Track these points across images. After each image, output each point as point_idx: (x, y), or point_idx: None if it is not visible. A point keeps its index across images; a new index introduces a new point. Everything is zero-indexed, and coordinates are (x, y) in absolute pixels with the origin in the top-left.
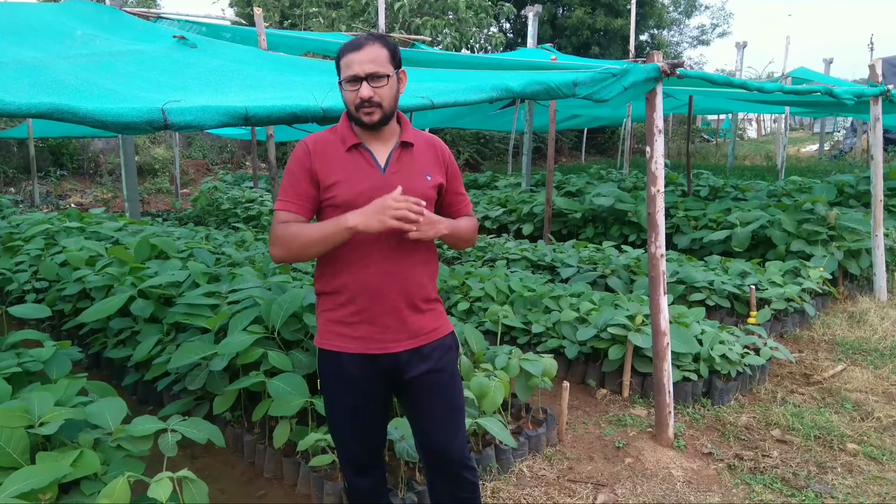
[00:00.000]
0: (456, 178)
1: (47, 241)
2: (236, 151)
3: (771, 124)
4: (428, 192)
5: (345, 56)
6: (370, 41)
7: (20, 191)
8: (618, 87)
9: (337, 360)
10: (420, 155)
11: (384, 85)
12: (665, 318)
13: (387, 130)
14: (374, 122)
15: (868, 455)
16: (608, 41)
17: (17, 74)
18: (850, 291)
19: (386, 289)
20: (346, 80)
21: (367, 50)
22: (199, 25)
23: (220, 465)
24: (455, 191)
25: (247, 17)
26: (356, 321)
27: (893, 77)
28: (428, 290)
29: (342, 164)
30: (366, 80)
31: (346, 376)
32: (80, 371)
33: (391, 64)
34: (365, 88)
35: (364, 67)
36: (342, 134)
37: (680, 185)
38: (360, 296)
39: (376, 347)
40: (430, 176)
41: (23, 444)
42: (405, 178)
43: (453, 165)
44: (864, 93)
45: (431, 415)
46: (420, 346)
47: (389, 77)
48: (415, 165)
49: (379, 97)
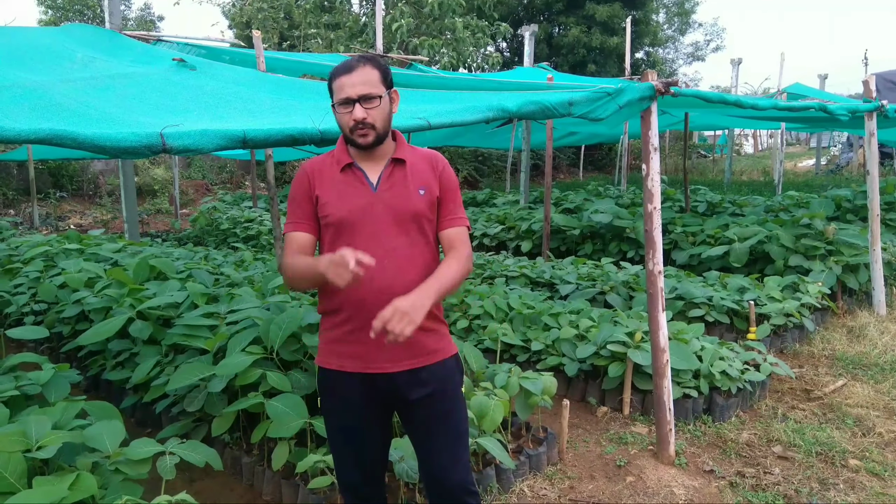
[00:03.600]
0: (450, 190)
1: (46, 263)
2: (235, 172)
3: (767, 139)
4: (420, 207)
5: (336, 79)
6: (361, 63)
7: (20, 213)
8: (613, 106)
9: (335, 380)
10: (414, 170)
11: (376, 106)
12: (664, 335)
13: (381, 149)
14: (368, 143)
15: (870, 471)
16: (604, 59)
17: (17, 99)
18: (849, 306)
19: (380, 307)
20: (338, 103)
21: (358, 72)
22: (198, 48)
23: (219, 488)
24: (447, 201)
25: (246, 39)
26: (352, 340)
27: (888, 92)
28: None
29: (335, 185)
30: (358, 101)
31: (344, 396)
32: (78, 393)
33: (383, 84)
34: (358, 110)
35: (356, 90)
36: (338, 156)
37: (677, 201)
38: (356, 314)
39: (373, 367)
40: (423, 190)
41: (20, 469)
42: (396, 194)
43: (449, 178)
44: (858, 108)
45: (432, 440)
46: (418, 367)
47: (381, 98)
48: (408, 181)
49: (372, 118)
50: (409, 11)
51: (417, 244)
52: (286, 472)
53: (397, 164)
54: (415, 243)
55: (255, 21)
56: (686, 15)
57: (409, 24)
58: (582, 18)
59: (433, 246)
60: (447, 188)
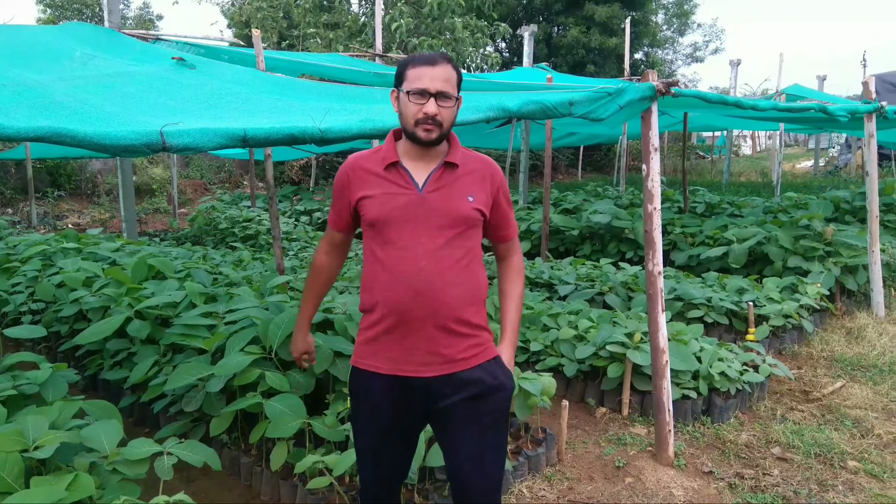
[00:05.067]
0: (505, 199)
1: (44, 262)
2: (234, 171)
3: (766, 141)
4: (469, 213)
5: (415, 67)
6: (443, 60)
7: (17, 211)
8: (613, 107)
9: (367, 380)
10: (465, 176)
11: (450, 106)
12: (664, 336)
13: (435, 149)
14: (431, 139)
15: (869, 472)
16: (603, 60)
17: (16, 97)
18: (848, 307)
19: (415, 309)
20: (413, 92)
21: (440, 68)
22: (197, 47)
23: (217, 488)
24: (502, 213)
25: (245, 38)
26: (388, 341)
27: (887, 94)
28: (466, 313)
29: (377, 182)
30: (435, 96)
31: (375, 398)
32: (76, 393)
33: (457, 88)
34: (431, 105)
35: (436, 84)
36: (384, 153)
37: (676, 202)
38: (390, 315)
39: (406, 370)
40: (472, 197)
41: (17, 469)
42: (444, 197)
43: (506, 189)
44: (857, 110)
45: (461, 449)
46: (454, 372)
47: (456, 100)
48: (457, 186)
49: (442, 117)
50: (408, 11)
51: (460, 248)
52: (284, 472)
53: (448, 167)
54: (457, 247)
55: (254, 20)
56: (685, 16)
57: (409, 24)
58: (581, 19)
59: (477, 251)
60: (503, 198)
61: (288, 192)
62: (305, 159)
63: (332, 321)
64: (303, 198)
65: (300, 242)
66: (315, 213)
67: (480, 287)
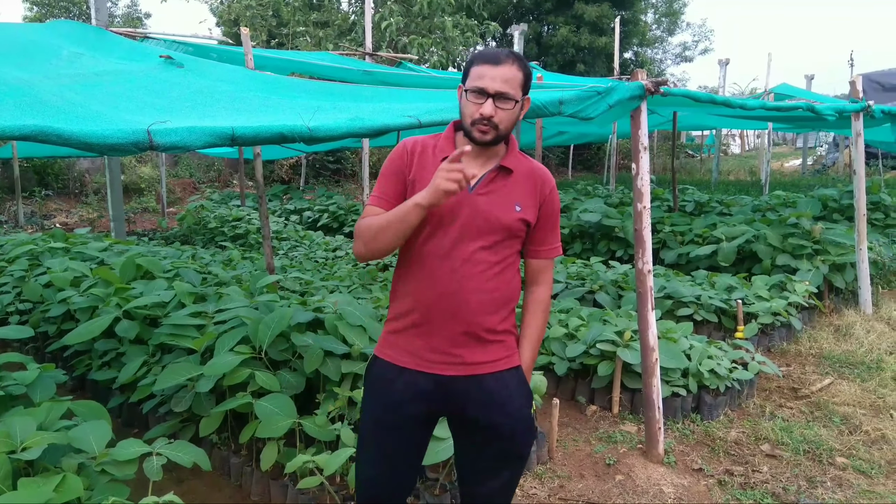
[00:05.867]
0: (553, 215)
1: (31, 262)
2: (223, 170)
3: (754, 139)
4: (513, 223)
5: (479, 65)
6: (510, 59)
7: (4, 211)
8: (603, 106)
9: (385, 370)
10: (517, 183)
11: (509, 109)
12: (653, 334)
13: (490, 150)
14: (486, 140)
15: (857, 469)
16: (593, 59)
17: (2, 95)
18: (836, 305)
19: (442, 311)
20: (471, 90)
21: (504, 68)
22: (185, 45)
23: (207, 489)
24: (548, 227)
25: (234, 36)
26: (412, 335)
27: (873, 93)
28: (491, 320)
29: (433, 172)
30: (493, 97)
31: (388, 390)
32: (64, 394)
33: (521, 89)
34: (488, 106)
35: (496, 84)
36: (443, 143)
37: (666, 201)
38: (418, 310)
39: (426, 366)
40: (520, 207)
41: (5, 470)
42: (492, 201)
43: (554, 202)
44: (845, 109)
45: (480, 459)
46: (474, 374)
47: (517, 103)
48: (507, 192)
49: (499, 119)
50: (398, 10)
51: (499, 255)
52: (275, 472)
53: (502, 171)
54: (497, 254)
55: (243, 19)
56: (674, 15)
57: (399, 23)
58: (571, 18)
59: (513, 259)
60: (551, 212)
61: (278, 191)
62: (295, 158)
63: (323, 321)
64: (293, 197)
65: (290, 242)
66: (305, 213)
67: (511, 294)
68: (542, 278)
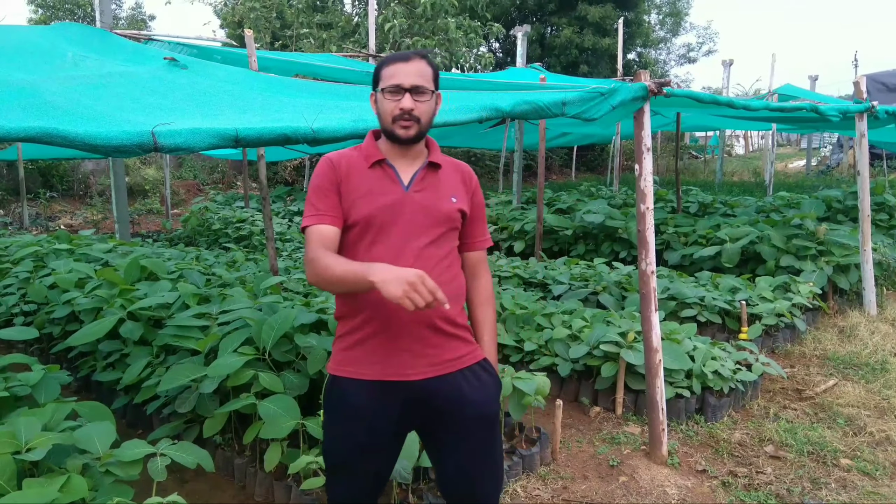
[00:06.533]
0: (479, 206)
1: (36, 264)
2: (227, 172)
3: (758, 140)
4: (452, 212)
5: (389, 66)
6: (417, 56)
7: (9, 213)
8: (606, 107)
9: (347, 388)
10: (447, 178)
11: (426, 100)
12: (657, 335)
13: (414, 150)
14: (409, 136)
15: (861, 470)
16: (596, 60)
17: (7, 97)
18: (840, 306)
19: (404, 311)
20: (388, 90)
21: (414, 63)
22: (189, 47)
23: (211, 489)
24: (477, 220)
25: (238, 38)
26: (373, 344)
27: (878, 93)
28: (451, 312)
29: (365, 180)
30: (409, 91)
31: (356, 406)
32: (69, 395)
33: (433, 82)
34: (407, 100)
35: (410, 79)
36: (366, 151)
37: (669, 202)
38: (378, 318)
39: (394, 373)
40: (455, 198)
41: (9, 471)
42: (429, 197)
43: (480, 196)
44: (849, 109)
45: (460, 457)
46: (444, 374)
47: (432, 93)
48: (440, 187)
49: (419, 112)
50: (401, 11)
51: (444, 249)
52: (278, 473)
53: (432, 167)
54: (442, 248)
55: (246, 20)
56: (678, 16)
57: (402, 25)
58: (574, 19)
59: (457, 254)
60: (478, 204)
61: (282, 193)
62: (299, 160)
63: (326, 322)
64: (296, 198)
65: (294, 243)
66: None
67: (461, 288)
68: (480, 270)
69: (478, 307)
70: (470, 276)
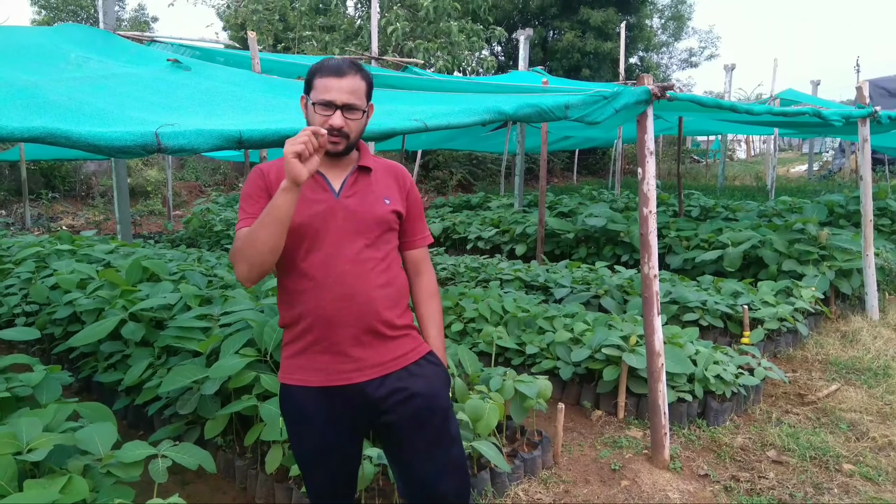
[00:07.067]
0: (416, 205)
1: (38, 264)
2: (229, 173)
3: (760, 145)
4: (386, 215)
5: (323, 78)
6: (352, 71)
7: (11, 213)
8: (609, 110)
9: (299, 397)
10: (379, 180)
11: (357, 119)
12: (659, 339)
13: (346, 157)
14: (338, 151)
15: (864, 476)
16: (598, 64)
17: (10, 97)
18: (843, 311)
19: (342, 315)
20: (318, 104)
21: (348, 79)
22: (192, 49)
23: (212, 491)
24: (415, 218)
25: (240, 40)
26: (316, 351)
27: (880, 99)
28: (391, 315)
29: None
30: (341, 109)
31: (309, 414)
32: (70, 395)
33: (366, 97)
34: (337, 117)
35: (343, 97)
36: None
37: (671, 206)
38: (316, 325)
39: (338, 378)
40: (388, 200)
41: (10, 471)
42: (361, 200)
43: (414, 192)
44: (852, 114)
45: (416, 452)
46: (388, 373)
47: (364, 112)
48: (372, 189)
49: (349, 128)
50: (404, 15)
51: (382, 251)
52: (280, 475)
53: (363, 171)
54: (380, 250)
55: (249, 23)
56: (680, 20)
57: (404, 28)
58: (576, 23)
59: (395, 254)
60: (414, 204)
61: None
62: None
63: None
64: None
65: None
66: None
67: (403, 288)
68: (422, 268)
69: (422, 304)
70: (413, 273)
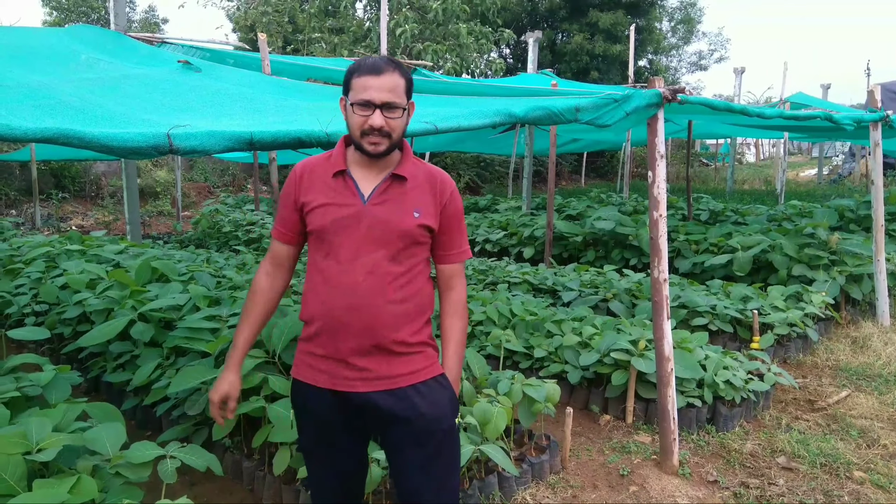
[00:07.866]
0: (455, 218)
1: (48, 264)
2: (238, 174)
3: (769, 149)
4: (412, 229)
5: (361, 77)
6: (390, 68)
7: (21, 213)
8: (620, 113)
9: (307, 393)
10: (414, 190)
11: (398, 117)
12: (669, 343)
13: (385, 160)
14: (379, 152)
15: (875, 483)
16: (607, 66)
17: (22, 98)
18: (853, 316)
19: (349, 324)
20: (357, 103)
21: (386, 77)
22: (203, 51)
23: (219, 492)
24: (452, 231)
25: (250, 42)
26: (324, 354)
27: (891, 103)
28: (403, 333)
29: (325, 190)
30: (380, 108)
31: (316, 412)
32: (79, 395)
33: (406, 95)
34: (377, 117)
35: (382, 95)
36: (334, 159)
37: (680, 210)
38: (325, 330)
39: (342, 384)
40: (419, 212)
41: (20, 471)
42: (389, 210)
43: (456, 206)
44: (863, 118)
45: (411, 464)
46: (394, 388)
47: (405, 110)
48: (404, 200)
49: (389, 128)
50: (413, 17)
51: (405, 265)
52: (287, 477)
53: (396, 179)
54: (402, 264)
55: (259, 25)
56: (690, 23)
57: (413, 30)
58: (585, 26)
59: (421, 268)
60: (452, 216)
61: None
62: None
63: None
64: None
65: None
66: None
67: (424, 305)
68: (454, 283)
69: (445, 318)
70: (443, 288)
